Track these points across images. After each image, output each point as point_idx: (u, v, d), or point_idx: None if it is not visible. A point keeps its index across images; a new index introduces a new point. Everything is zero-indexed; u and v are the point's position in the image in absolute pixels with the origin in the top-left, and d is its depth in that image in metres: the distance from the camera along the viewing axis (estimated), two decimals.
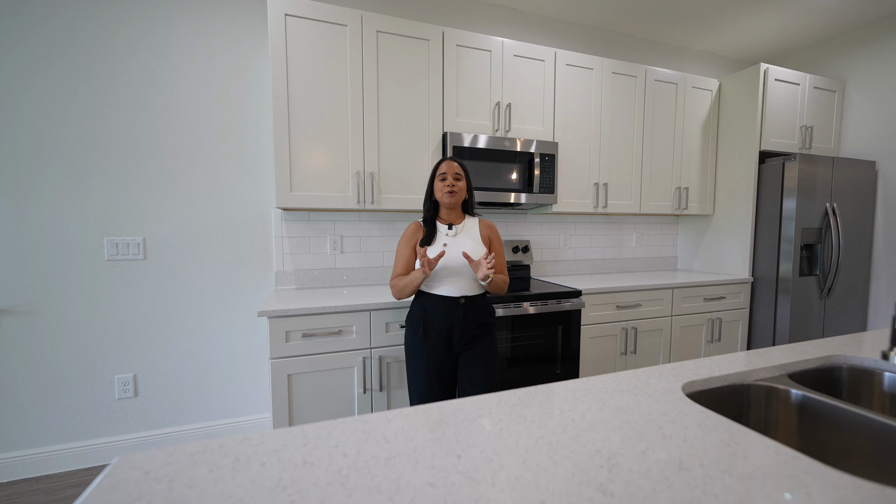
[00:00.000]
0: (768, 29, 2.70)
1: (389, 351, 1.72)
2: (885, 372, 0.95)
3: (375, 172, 1.93)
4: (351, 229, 2.20)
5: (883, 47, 2.59)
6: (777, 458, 0.55)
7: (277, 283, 2.08)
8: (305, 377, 1.61)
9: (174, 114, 1.90)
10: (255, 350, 2.10)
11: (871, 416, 0.73)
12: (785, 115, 2.57)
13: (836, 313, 2.56)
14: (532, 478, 0.51)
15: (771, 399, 0.85)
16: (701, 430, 0.63)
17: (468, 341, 1.39)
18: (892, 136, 2.56)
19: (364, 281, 2.23)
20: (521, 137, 2.15)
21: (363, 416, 0.66)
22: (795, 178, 2.35)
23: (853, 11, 2.49)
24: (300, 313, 1.58)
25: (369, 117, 1.90)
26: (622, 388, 0.79)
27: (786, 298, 2.42)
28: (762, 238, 2.53)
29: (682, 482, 0.50)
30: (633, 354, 2.23)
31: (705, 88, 2.67)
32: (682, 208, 2.66)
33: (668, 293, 2.30)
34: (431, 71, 1.99)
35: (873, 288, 2.66)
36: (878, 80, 2.62)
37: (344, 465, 0.53)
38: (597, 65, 2.34)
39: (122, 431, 1.92)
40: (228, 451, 0.56)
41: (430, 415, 0.68)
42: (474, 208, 1.49)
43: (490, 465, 0.53)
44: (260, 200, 2.07)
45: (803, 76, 2.59)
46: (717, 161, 2.75)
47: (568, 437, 0.60)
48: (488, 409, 0.70)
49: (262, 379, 2.12)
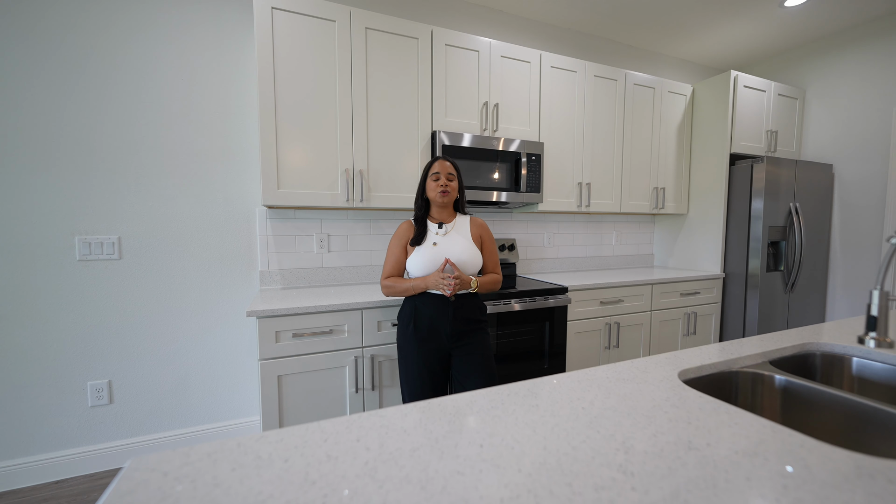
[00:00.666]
0: (737, 38, 2.86)
1: (381, 350, 1.71)
2: (853, 357, 1.03)
3: (364, 170, 1.91)
4: (338, 228, 2.18)
5: (838, 59, 2.78)
6: (774, 436, 0.59)
7: (262, 283, 2.03)
8: (296, 378, 1.58)
9: (153, 107, 1.82)
10: (239, 352, 2.04)
11: (844, 396, 0.79)
12: (752, 120, 2.73)
13: (798, 306, 2.74)
14: (555, 462, 0.52)
15: (756, 384, 0.91)
16: (702, 413, 0.66)
17: (459, 338, 1.40)
18: (846, 142, 2.76)
19: (351, 280, 2.21)
20: (508, 137, 2.19)
21: (379, 411, 0.67)
22: (763, 179, 2.49)
23: (813, 24, 2.67)
24: (291, 313, 1.55)
25: (358, 115, 1.88)
26: (623, 378, 0.82)
27: (754, 293, 2.56)
28: (733, 236, 2.67)
29: (694, 460, 0.53)
30: (616, 348, 2.31)
31: (680, 93, 2.79)
32: (659, 208, 2.77)
33: (648, 289, 2.39)
34: (420, 70, 1.99)
35: (830, 282, 2.86)
36: (833, 89, 2.82)
37: (369, 458, 0.53)
38: (580, 68, 2.41)
39: (96, 441, 1.82)
40: (248, 449, 0.55)
41: (444, 407, 0.68)
42: (465, 207, 1.51)
43: (513, 452, 0.55)
44: (244, 198, 2.01)
45: (769, 83, 2.76)
46: (691, 163, 2.88)
47: (581, 424, 0.63)
48: (500, 401, 0.71)
49: (246, 382, 2.06)
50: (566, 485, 0.48)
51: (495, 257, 1.53)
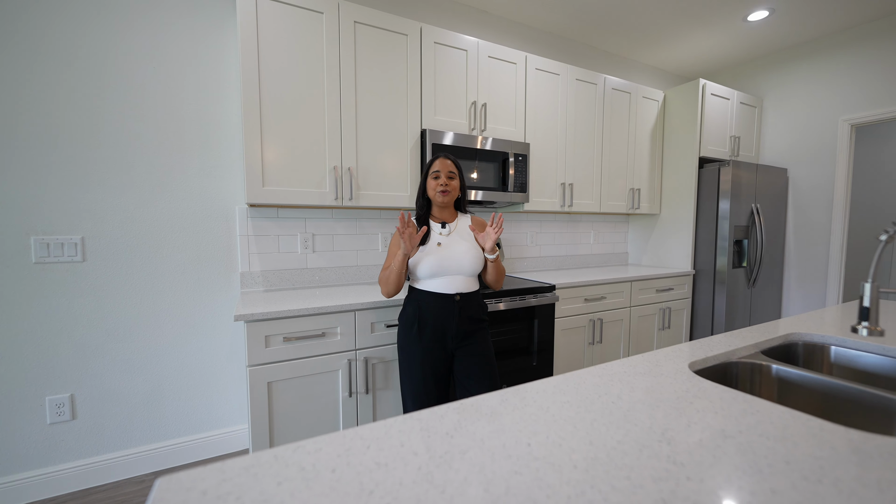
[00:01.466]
0: (704, 48, 3.03)
1: (375, 352, 1.67)
2: (831, 346, 1.11)
3: (354, 168, 1.86)
4: (323, 227, 2.11)
5: (792, 72, 3.02)
6: (795, 422, 0.63)
7: (243, 285, 1.93)
8: (287, 384, 1.51)
9: (120, 95, 1.68)
10: (218, 359, 1.93)
11: (833, 381, 0.86)
12: (718, 126, 2.90)
13: (759, 300, 2.95)
14: (606, 457, 0.53)
15: (755, 373, 0.96)
16: (723, 403, 0.69)
17: (463, 338, 1.39)
18: (799, 148, 3.00)
19: (338, 281, 2.15)
20: (495, 137, 2.20)
21: (416, 414, 0.65)
22: (729, 181, 2.66)
23: (771, 39, 2.88)
24: (282, 316, 1.48)
25: (347, 111, 1.83)
26: (639, 371, 0.85)
27: (722, 288, 2.73)
28: (702, 235, 2.83)
29: (732, 448, 0.55)
30: (599, 344, 2.38)
31: (653, 99, 2.92)
32: (634, 208, 2.89)
33: (628, 286, 2.49)
34: (410, 67, 1.96)
35: (786, 277, 3.10)
36: (787, 99, 3.06)
37: (420, 462, 0.51)
38: (563, 71, 2.47)
39: (56, 461, 1.66)
40: (288, 461, 0.51)
41: (479, 408, 0.67)
42: (466, 206, 1.50)
43: (561, 449, 0.55)
44: (222, 195, 1.90)
45: (732, 92, 2.95)
46: (663, 165, 3.02)
47: (617, 418, 0.64)
48: (532, 398, 0.71)
49: (227, 390, 1.95)
50: (625, 478, 0.48)
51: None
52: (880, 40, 2.59)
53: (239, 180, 1.92)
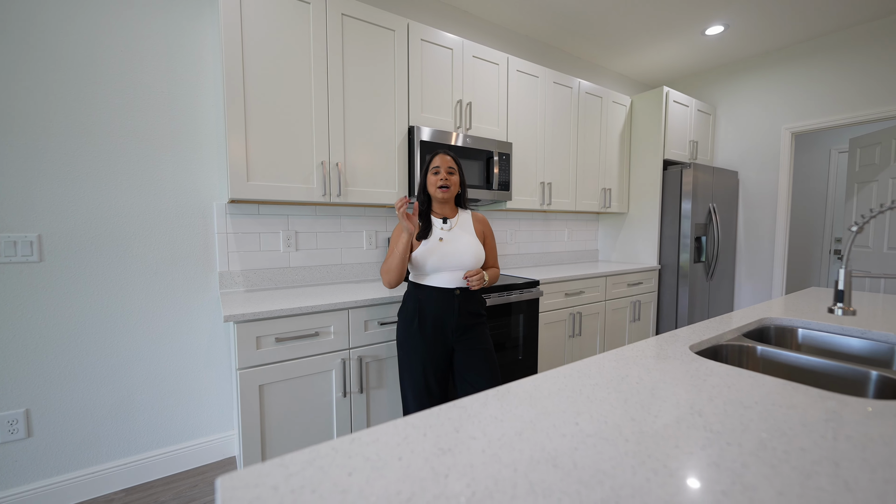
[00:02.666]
0: (665, 58, 3.25)
1: (369, 350, 1.65)
2: (797, 328, 1.24)
3: (342, 163, 1.82)
4: (307, 225, 2.04)
5: (741, 83, 3.31)
6: (796, 391, 0.70)
7: (223, 285, 1.83)
8: (279, 386, 1.46)
9: (80, 77, 1.54)
10: (195, 363, 1.81)
11: (808, 358, 0.96)
12: (679, 131, 3.12)
13: (715, 292, 3.20)
14: (651, 430, 0.56)
15: (742, 354, 1.06)
16: (733, 379, 0.76)
17: (463, 332, 1.41)
18: (747, 153, 3.29)
19: (321, 280, 2.09)
20: (480, 136, 2.24)
21: (457, 403, 0.65)
22: (691, 183, 2.87)
23: (724, 52, 3.14)
24: (274, 315, 1.42)
25: (335, 105, 1.79)
26: (648, 355, 0.91)
27: (684, 282, 2.94)
28: (666, 232, 3.03)
29: (755, 415, 0.61)
30: (579, 337, 2.49)
31: (621, 104, 3.09)
32: (606, 206, 3.04)
33: (603, 281, 2.62)
34: (397, 63, 1.95)
35: (737, 271, 3.39)
36: (737, 107, 3.34)
37: (482, 445, 0.52)
38: (541, 73, 2.55)
39: (9, 485, 1.49)
40: (350, 453, 0.51)
41: (516, 394, 0.69)
42: (467, 202, 1.52)
43: (608, 426, 0.58)
44: (198, 190, 1.79)
45: (690, 100, 3.18)
46: (630, 167, 3.20)
47: (645, 396, 0.68)
48: (563, 383, 0.74)
49: (206, 397, 1.84)
50: (675, 447, 0.52)
51: (495, 252, 1.56)
52: (817, 57, 2.91)
53: (217, 175, 1.82)
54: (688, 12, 2.55)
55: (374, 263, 2.25)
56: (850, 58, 2.74)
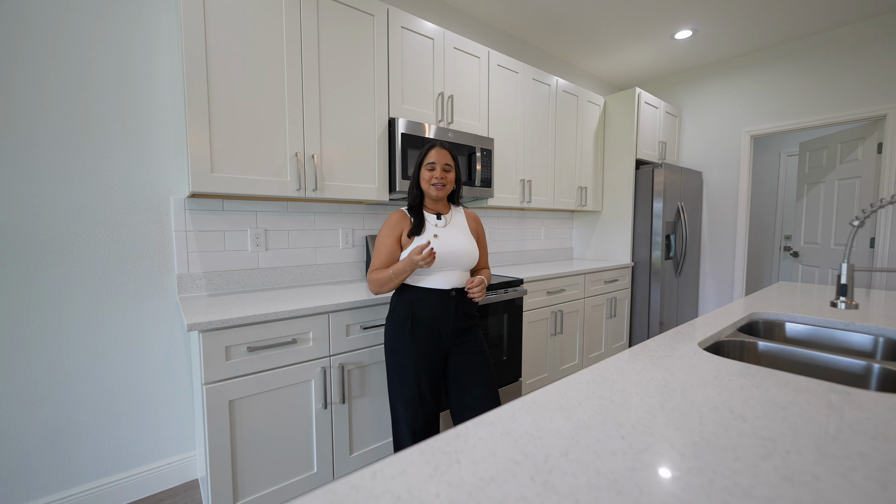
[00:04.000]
0: (635, 60, 3.33)
1: (351, 357, 1.53)
2: (784, 322, 1.27)
3: (318, 156, 1.69)
4: (277, 222, 1.88)
5: (705, 87, 3.46)
6: (808, 384, 0.69)
7: (182, 289, 1.64)
8: (252, 401, 1.31)
9: (7, 48, 1.31)
10: (150, 379, 1.61)
11: (803, 351, 0.97)
12: (649, 131, 3.21)
13: (683, 288, 3.32)
14: (702, 440, 0.51)
15: (744, 349, 1.05)
16: (756, 378, 0.73)
17: (458, 335, 1.33)
18: (711, 155, 3.45)
19: (294, 282, 1.93)
20: (462, 130, 2.17)
21: (485, 417, 0.57)
22: (662, 182, 2.95)
23: (691, 56, 3.26)
24: (246, 322, 1.27)
25: (310, 91, 1.65)
26: (661, 354, 0.87)
27: (656, 278, 3.02)
28: (639, 230, 3.11)
29: (797, 418, 0.57)
30: (560, 335, 2.48)
31: (595, 103, 3.13)
32: (582, 205, 3.07)
33: (583, 278, 2.63)
34: (377, 51, 1.84)
35: (702, 268, 3.55)
36: (701, 110, 3.49)
37: (529, 472, 0.45)
38: (521, 69, 2.52)
39: None
40: (376, 491, 0.41)
41: (544, 403, 0.62)
42: (461, 199, 1.43)
43: (654, 437, 0.52)
44: (153, 183, 1.59)
45: (659, 101, 3.28)
46: (604, 166, 3.26)
47: (679, 402, 0.63)
48: (590, 390, 0.68)
49: (164, 415, 1.64)
50: (735, 459, 0.47)
51: (487, 251, 1.50)
52: (776, 64, 3.08)
53: (175, 165, 1.63)
54: (660, 15, 2.62)
55: (352, 263, 2.13)
56: (805, 66, 2.93)
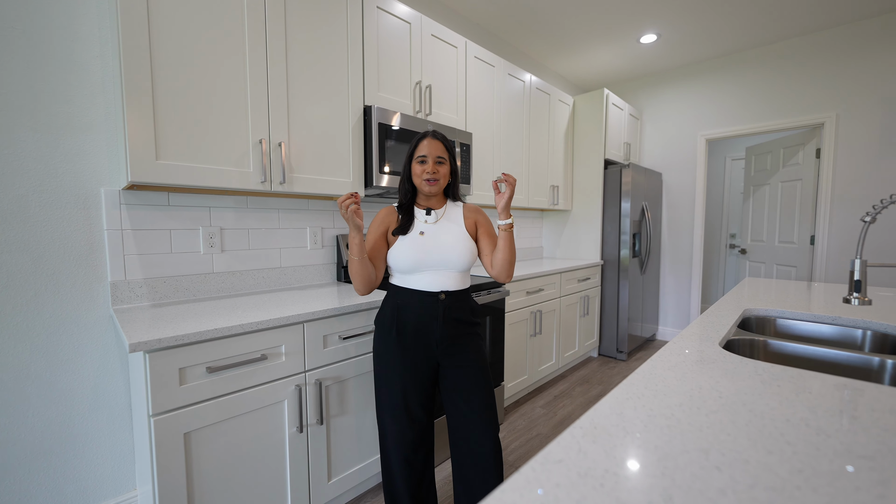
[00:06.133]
0: (602, 62, 3.40)
1: (329, 371, 1.36)
2: (776, 318, 1.28)
3: (286, 144, 1.49)
4: (235, 219, 1.65)
5: (664, 91, 3.60)
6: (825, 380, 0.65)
7: (117, 299, 1.37)
8: (213, 431, 1.10)
9: None
10: (75, 409, 1.33)
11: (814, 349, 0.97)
12: (616, 133, 3.28)
13: (648, 284, 3.44)
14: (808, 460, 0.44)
15: (754, 347, 1.03)
16: (800, 381, 0.69)
17: (450, 344, 1.20)
18: (670, 156, 3.60)
19: (256, 288, 1.71)
20: (441, 123, 2.05)
21: (549, 453, 0.46)
22: (630, 182, 3.02)
23: (653, 60, 3.38)
24: (205, 338, 1.06)
25: (276, 70, 1.45)
26: (692, 359, 0.81)
27: (625, 275, 3.09)
28: (607, 229, 3.17)
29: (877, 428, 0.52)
30: (540, 335, 2.44)
31: (565, 103, 3.15)
32: (555, 203, 3.07)
33: (559, 277, 2.61)
34: (351, 30, 1.67)
35: (662, 264, 3.70)
36: (660, 114, 3.64)
37: (652, 467, 0.34)
38: (497, 63, 2.45)
39: None
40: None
41: (606, 428, 0.52)
42: (459, 193, 1.28)
43: (750, 465, 0.44)
44: (77, 172, 1.31)
45: (624, 104, 3.37)
46: (574, 165, 3.29)
47: (745, 416, 0.56)
48: (644, 406, 0.59)
49: (94, 450, 1.36)
50: (856, 489, 0.40)
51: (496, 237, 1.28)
52: (730, 72, 3.27)
53: (108, 152, 1.36)
54: (629, 18, 2.67)
55: (321, 266, 1.93)
56: (755, 75, 3.13)
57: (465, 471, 1.17)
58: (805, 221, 3.02)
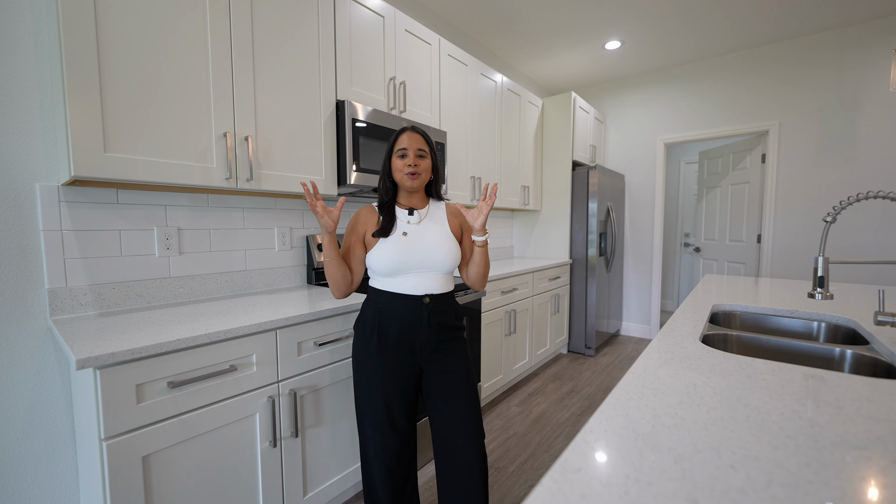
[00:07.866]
0: (568, 66, 3.49)
1: (304, 380, 1.28)
2: (739, 312, 1.36)
3: (253, 138, 1.39)
4: (194, 219, 1.52)
5: (627, 96, 3.76)
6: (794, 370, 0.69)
7: (57, 309, 1.22)
8: (177, 452, 1.00)
9: None
10: (6, 435, 1.16)
11: (769, 338, 1.03)
12: (582, 135, 3.38)
13: (612, 281, 3.57)
14: (813, 453, 0.45)
15: (727, 341, 1.08)
16: (760, 369, 0.72)
17: (434, 349, 1.16)
18: (631, 159, 3.76)
19: (219, 293, 1.59)
20: (415, 120, 2.01)
21: (565, 463, 0.44)
22: (597, 183, 3.12)
23: (617, 66, 3.51)
24: (165, 350, 0.96)
25: (242, 57, 1.35)
26: (678, 356, 0.83)
27: (592, 274, 3.19)
28: (576, 228, 3.25)
29: (866, 419, 0.55)
30: (514, 334, 2.46)
31: (534, 104, 3.20)
32: (525, 204, 3.11)
33: (531, 276, 2.65)
34: (322, 19, 1.59)
35: (625, 263, 3.86)
36: (622, 118, 3.80)
37: (671, 471, 0.33)
38: (470, 62, 2.44)
39: None
40: None
41: (616, 431, 0.51)
42: (441, 191, 1.25)
43: (760, 461, 0.44)
44: (6, 166, 1.15)
45: (590, 107, 3.48)
46: (543, 166, 3.35)
47: (743, 411, 0.58)
48: (648, 405, 0.59)
49: (29, 481, 1.20)
50: (861, 479, 0.41)
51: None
52: (686, 80, 3.45)
53: (44, 142, 1.20)
54: (596, 24, 2.75)
55: (290, 268, 1.83)
56: (709, 84, 3.33)
57: (449, 480, 1.14)
58: (752, 221, 3.25)
